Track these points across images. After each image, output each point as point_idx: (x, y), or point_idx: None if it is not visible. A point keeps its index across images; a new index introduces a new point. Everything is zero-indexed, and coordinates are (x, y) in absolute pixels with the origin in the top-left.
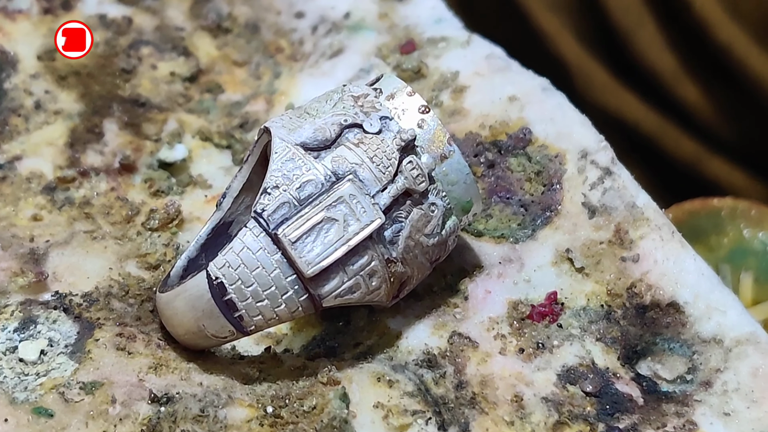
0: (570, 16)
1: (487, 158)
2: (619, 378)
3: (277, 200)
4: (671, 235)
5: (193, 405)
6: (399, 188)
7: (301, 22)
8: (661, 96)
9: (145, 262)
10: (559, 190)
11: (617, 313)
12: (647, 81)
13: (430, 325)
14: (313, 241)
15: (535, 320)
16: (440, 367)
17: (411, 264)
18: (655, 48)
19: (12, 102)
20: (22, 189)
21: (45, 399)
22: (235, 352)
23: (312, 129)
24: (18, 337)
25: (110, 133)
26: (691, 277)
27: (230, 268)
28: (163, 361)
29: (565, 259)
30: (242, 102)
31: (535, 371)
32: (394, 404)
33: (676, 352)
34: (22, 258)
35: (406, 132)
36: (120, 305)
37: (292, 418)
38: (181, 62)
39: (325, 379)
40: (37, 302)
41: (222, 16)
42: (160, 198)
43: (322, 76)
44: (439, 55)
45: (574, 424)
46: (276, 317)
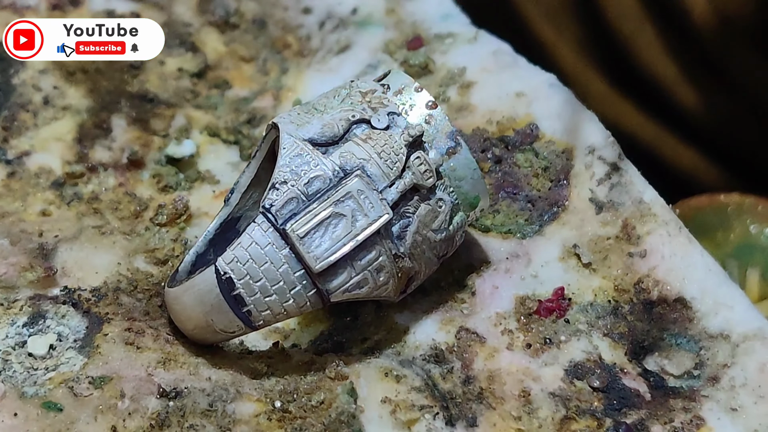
0: (568, 23)
1: (495, 154)
2: (627, 373)
3: (285, 195)
4: (678, 230)
5: (202, 399)
6: (407, 184)
7: (308, 17)
8: (659, 103)
9: (154, 257)
10: (566, 186)
11: (624, 309)
12: (646, 88)
13: (438, 321)
14: (321, 237)
15: (543, 315)
16: (448, 362)
17: (418, 259)
18: (654, 54)
19: (20, 97)
20: (30, 184)
21: (54, 393)
22: (244, 347)
23: (320, 125)
24: (27, 332)
25: (118, 129)
26: (699, 273)
27: (239, 263)
28: (171, 356)
29: (572, 255)
30: (250, 98)
31: (543, 366)
32: (401, 399)
33: (683, 348)
34: (31, 253)
35: (414, 127)
36: (128, 300)
37: (300, 413)
38: (189, 58)
39: (333, 374)
40: (46, 297)
41: (229, 12)
42: (168, 193)
43: (329, 72)
44: (446, 51)
45: (581, 419)
46: (284, 312)
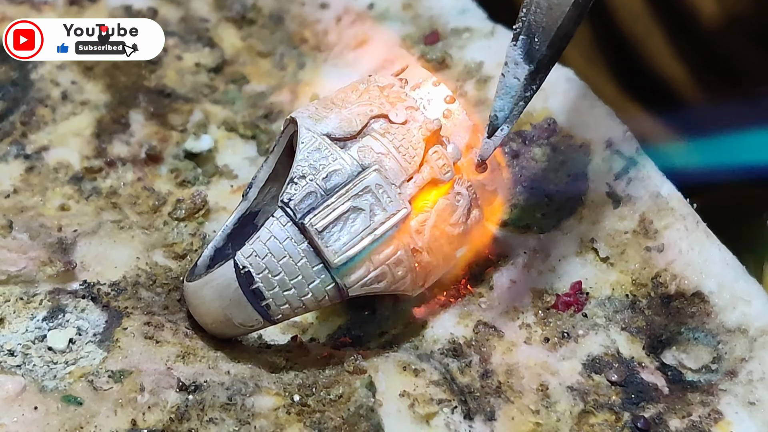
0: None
1: (512, 148)
2: (644, 367)
3: (303, 190)
4: (696, 225)
5: (221, 393)
6: (425, 178)
7: (325, 12)
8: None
9: (172, 252)
10: (584, 180)
11: (642, 303)
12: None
13: (456, 315)
14: (340, 231)
15: (560, 310)
16: (466, 356)
17: (436, 253)
18: (664, 56)
19: (39, 93)
20: (49, 179)
21: (74, 387)
22: (262, 341)
23: (338, 119)
24: (47, 326)
25: (136, 124)
26: (716, 267)
27: (257, 257)
28: (190, 350)
29: (589, 249)
30: (267, 93)
31: (561, 360)
32: (420, 393)
33: (701, 342)
34: (51, 247)
35: (432, 122)
36: (147, 294)
37: (318, 407)
38: (206, 53)
39: (352, 368)
40: (65, 291)
41: (246, 7)
42: (187, 188)
43: (346, 67)
44: (463, 45)
45: (599, 413)
46: (303, 306)
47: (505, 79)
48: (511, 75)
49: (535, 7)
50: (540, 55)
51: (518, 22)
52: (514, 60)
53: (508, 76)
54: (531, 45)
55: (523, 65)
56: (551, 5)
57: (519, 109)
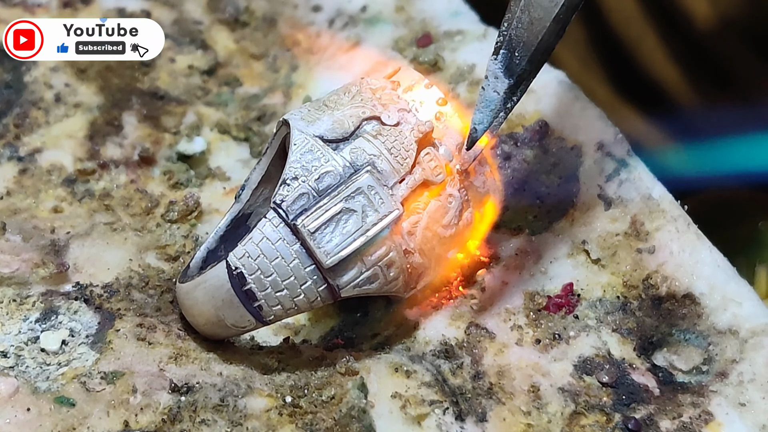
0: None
1: (504, 150)
2: (635, 369)
3: (296, 191)
4: (687, 226)
5: (213, 394)
6: (417, 180)
7: (318, 15)
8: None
9: (165, 254)
10: (575, 182)
11: (633, 305)
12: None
13: (447, 316)
14: (332, 232)
15: (552, 311)
16: (457, 358)
17: (428, 255)
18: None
19: (32, 95)
20: (42, 181)
21: (67, 388)
22: (254, 342)
23: (330, 121)
24: (39, 328)
25: (129, 126)
26: (707, 269)
27: (250, 258)
28: (183, 351)
29: (581, 251)
30: (260, 95)
31: (552, 362)
32: (411, 394)
33: (691, 343)
34: (44, 249)
35: (424, 124)
36: (140, 296)
37: (310, 408)
38: (199, 55)
39: (344, 370)
40: (58, 293)
41: (239, 10)
42: (179, 190)
43: (339, 70)
44: (455, 48)
45: (590, 415)
46: (295, 307)
47: (485, 92)
48: (491, 89)
49: (517, 22)
50: (520, 70)
51: (499, 36)
52: (494, 74)
53: (488, 90)
54: (511, 59)
55: (503, 79)
56: (532, 20)
57: (499, 120)
